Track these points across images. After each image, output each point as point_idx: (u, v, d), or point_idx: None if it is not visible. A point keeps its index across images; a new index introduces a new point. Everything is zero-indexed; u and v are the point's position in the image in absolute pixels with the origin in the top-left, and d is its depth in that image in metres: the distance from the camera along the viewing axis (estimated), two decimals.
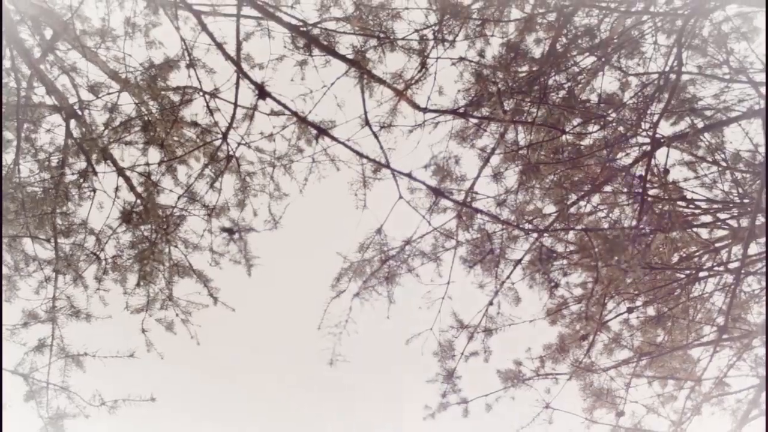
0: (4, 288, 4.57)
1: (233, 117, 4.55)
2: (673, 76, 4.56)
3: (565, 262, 5.07)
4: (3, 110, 4.62)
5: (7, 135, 4.74)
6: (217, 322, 4.90)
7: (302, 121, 4.33)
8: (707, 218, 5.15)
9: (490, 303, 4.88)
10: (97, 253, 4.57)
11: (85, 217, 4.62)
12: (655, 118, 4.56)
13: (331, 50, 4.35)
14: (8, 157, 4.67)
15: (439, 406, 5.08)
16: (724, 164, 5.05)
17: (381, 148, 4.36)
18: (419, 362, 5.03)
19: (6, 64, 4.63)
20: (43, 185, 4.60)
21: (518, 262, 4.91)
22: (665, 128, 4.98)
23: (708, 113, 4.93)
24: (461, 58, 4.67)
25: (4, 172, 4.54)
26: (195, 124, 4.55)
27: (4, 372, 4.48)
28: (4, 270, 4.65)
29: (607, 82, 4.83)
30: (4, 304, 4.63)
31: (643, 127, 4.67)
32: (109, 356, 4.53)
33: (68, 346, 4.65)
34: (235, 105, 4.56)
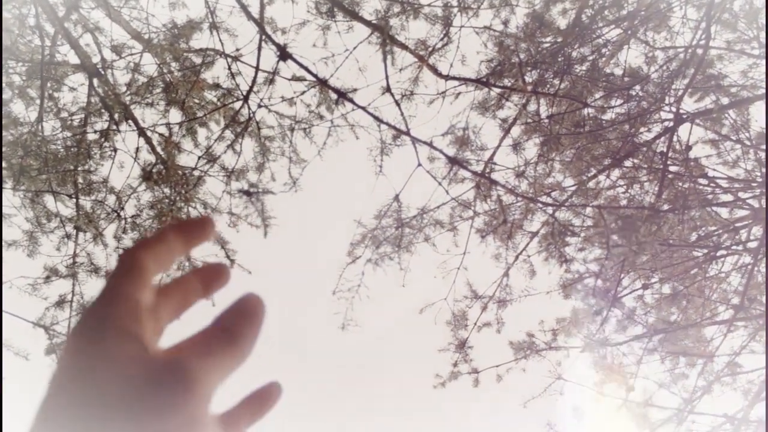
0: (26, 243, 4.64)
1: (254, 80, 4.56)
2: (699, 51, 4.49)
3: (579, 237, 5.05)
4: (26, 68, 4.66)
5: (31, 93, 4.79)
6: (233, 284, 4.94)
7: (323, 84, 4.32)
8: (728, 197, 5.10)
9: (505, 274, 4.89)
10: (118, 211, 4.62)
11: (106, 175, 4.67)
12: (679, 93, 4.50)
13: (354, 14, 4.32)
14: (32, 115, 4.72)
15: (450, 375, 5.13)
16: (748, 143, 4.98)
17: (401, 114, 4.35)
18: (432, 331, 5.08)
19: (30, 21, 4.66)
20: (65, 143, 4.65)
21: (534, 234, 4.91)
22: (689, 104, 4.92)
23: (734, 90, 4.85)
24: (486, 27, 4.63)
25: (26, 130, 4.59)
26: (217, 86, 4.56)
27: (26, 325, 4.58)
28: (27, 226, 4.73)
29: (632, 56, 4.78)
30: (26, 259, 4.72)
31: (666, 102, 4.61)
32: None
33: (88, 303, 4.75)
34: (257, 69, 4.56)
